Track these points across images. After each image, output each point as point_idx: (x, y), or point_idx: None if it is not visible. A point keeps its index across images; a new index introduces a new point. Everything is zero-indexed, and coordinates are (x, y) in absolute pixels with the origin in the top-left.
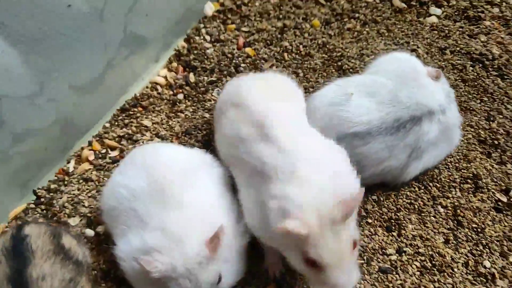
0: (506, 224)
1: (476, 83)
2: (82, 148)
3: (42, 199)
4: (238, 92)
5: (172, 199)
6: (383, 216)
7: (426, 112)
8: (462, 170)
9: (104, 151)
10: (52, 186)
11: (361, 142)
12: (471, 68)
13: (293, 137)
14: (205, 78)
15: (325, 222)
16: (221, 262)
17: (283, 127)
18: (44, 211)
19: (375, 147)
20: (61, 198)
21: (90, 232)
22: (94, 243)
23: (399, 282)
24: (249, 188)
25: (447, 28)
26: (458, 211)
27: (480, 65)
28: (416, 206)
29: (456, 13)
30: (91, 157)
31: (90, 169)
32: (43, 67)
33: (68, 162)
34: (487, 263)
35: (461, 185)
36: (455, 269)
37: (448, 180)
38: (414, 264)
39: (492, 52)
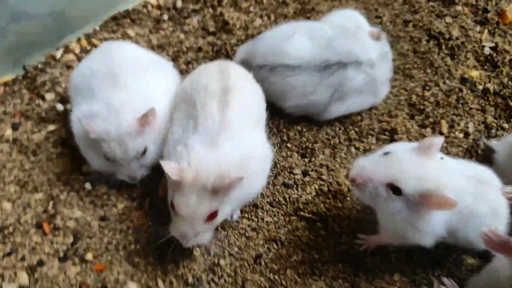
0: None
1: (424, 56)
2: (71, 42)
3: (29, 74)
4: (229, 63)
5: (120, 81)
6: (301, 144)
7: (354, 62)
8: (383, 122)
9: (89, 48)
10: (40, 66)
11: (291, 73)
12: (425, 42)
13: (239, 119)
14: (190, 6)
15: (197, 183)
16: (149, 141)
17: (241, 107)
18: (28, 84)
19: (302, 80)
20: (44, 76)
21: (60, 107)
22: (61, 116)
23: (295, 196)
24: (178, 127)
25: (418, 5)
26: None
27: (436, 41)
28: (332, 142)
29: None
30: (77, 50)
31: (74, 59)
32: None
33: (57, 50)
34: None
35: (378, 135)
36: (348, 198)
37: (367, 128)
38: (313, 186)
39: (451, 33)
